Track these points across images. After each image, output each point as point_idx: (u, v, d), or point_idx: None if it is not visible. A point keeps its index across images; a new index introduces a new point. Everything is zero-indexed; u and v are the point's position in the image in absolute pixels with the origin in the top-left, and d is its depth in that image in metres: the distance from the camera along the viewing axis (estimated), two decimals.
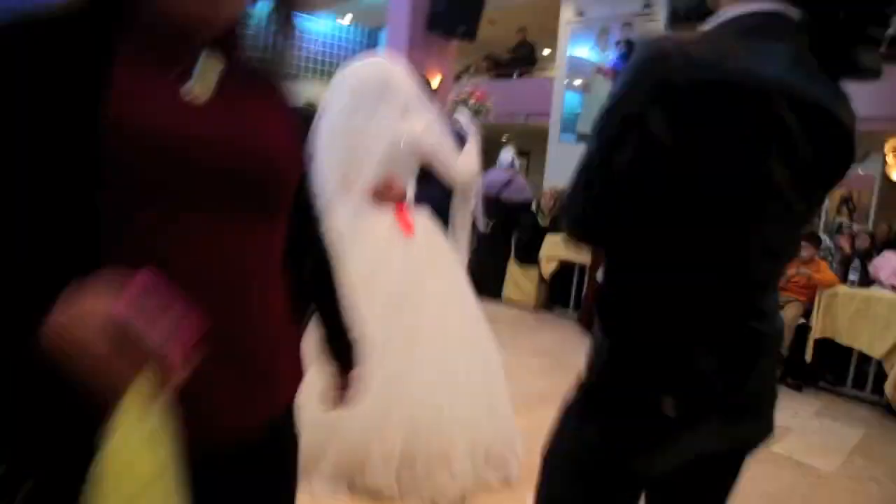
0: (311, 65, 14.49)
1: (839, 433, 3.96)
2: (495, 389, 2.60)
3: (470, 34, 8.72)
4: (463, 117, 3.50)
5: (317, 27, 14.45)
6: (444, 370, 2.39)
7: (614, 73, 10.60)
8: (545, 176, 10.57)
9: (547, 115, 11.16)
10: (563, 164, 7.11)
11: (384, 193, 2.55)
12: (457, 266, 2.67)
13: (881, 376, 4.51)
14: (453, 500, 2.30)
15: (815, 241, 4.89)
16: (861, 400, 4.64)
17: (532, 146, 13.26)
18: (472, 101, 3.93)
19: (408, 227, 2.54)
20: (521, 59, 13.07)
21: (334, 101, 2.54)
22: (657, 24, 10.00)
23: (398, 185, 2.57)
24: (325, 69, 14.79)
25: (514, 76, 12.94)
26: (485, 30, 8.94)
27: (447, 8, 8.32)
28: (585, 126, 10.77)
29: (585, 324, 5.54)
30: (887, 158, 9.47)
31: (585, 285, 6.09)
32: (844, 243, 5.61)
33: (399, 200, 2.59)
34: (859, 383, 4.71)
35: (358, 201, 2.48)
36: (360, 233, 2.42)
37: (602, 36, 10.70)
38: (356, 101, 2.50)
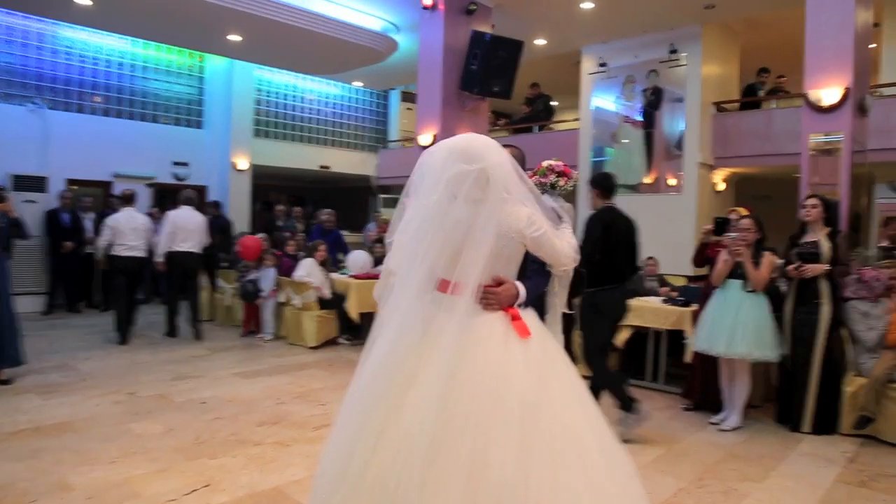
0: (324, 129, 14.38)
1: None
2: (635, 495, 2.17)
3: (504, 93, 8.59)
4: (548, 197, 3.19)
5: (328, 91, 14.40)
6: (589, 483, 2.00)
7: (644, 122, 10.47)
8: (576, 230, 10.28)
9: (575, 167, 10.93)
10: None
11: (497, 295, 2.18)
12: (571, 365, 2.28)
13: None
14: None
15: None
16: None
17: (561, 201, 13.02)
18: (560, 181, 3.53)
19: (525, 331, 2.18)
20: (538, 114, 12.98)
21: (424, 184, 2.21)
22: (683, 69, 9.93)
23: (508, 283, 2.21)
24: (339, 133, 14.70)
25: (535, 130, 12.81)
26: None
27: (482, 66, 8.20)
28: (621, 178, 10.56)
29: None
30: None
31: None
32: None
33: (512, 302, 2.22)
34: None
35: (466, 304, 2.11)
36: (474, 339, 2.07)
37: (627, 85, 10.62)
38: (452, 185, 2.15)
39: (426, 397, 1.98)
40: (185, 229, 7.32)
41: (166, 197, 10.62)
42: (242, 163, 12.14)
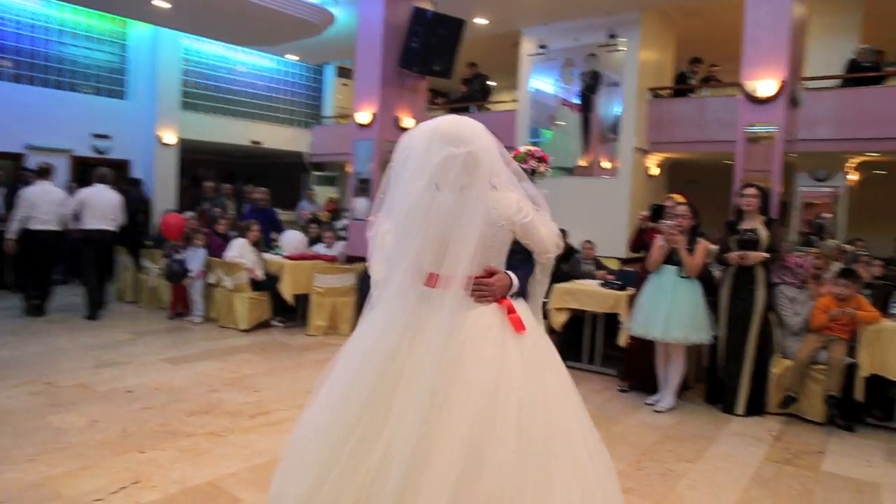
0: (256, 104, 13.88)
1: None
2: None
3: (445, 72, 8.45)
4: (528, 184, 3.12)
5: (260, 64, 13.89)
6: (580, 484, 1.96)
7: (581, 105, 10.55)
8: None
9: (512, 149, 10.94)
10: None
11: (490, 286, 2.12)
12: (559, 357, 2.23)
13: None
14: None
15: (853, 277, 4.79)
16: None
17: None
18: (540, 167, 3.47)
19: (521, 326, 2.12)
20: (475, 93, 12.91)
21: (406, 170, 2.07)
22: (622, 54, 10.03)
23: (501, 273, 2.12)
24: (271, 108, 14.23)
25: (472, 110, 12.74)
26: None
27: (423, 44, 8.02)
28: (557, 160, 10.64)
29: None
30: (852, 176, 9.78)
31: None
32: (863, 272, 5.56)
33: (505, 293, 2.16)
34: None
35: (457, 298, 2.01)
36: (467, 336, 1.97)
37: (566, 68, 10.65)
38: (440, 171, 2.03)
39: (415, 403, 1.86)
40: (97, 208, 7.22)
41: (87, 171, 10.04)
42: (169, 137, 11.57)
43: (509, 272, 2.16)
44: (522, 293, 2.25)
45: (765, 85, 5.41)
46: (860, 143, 8.88)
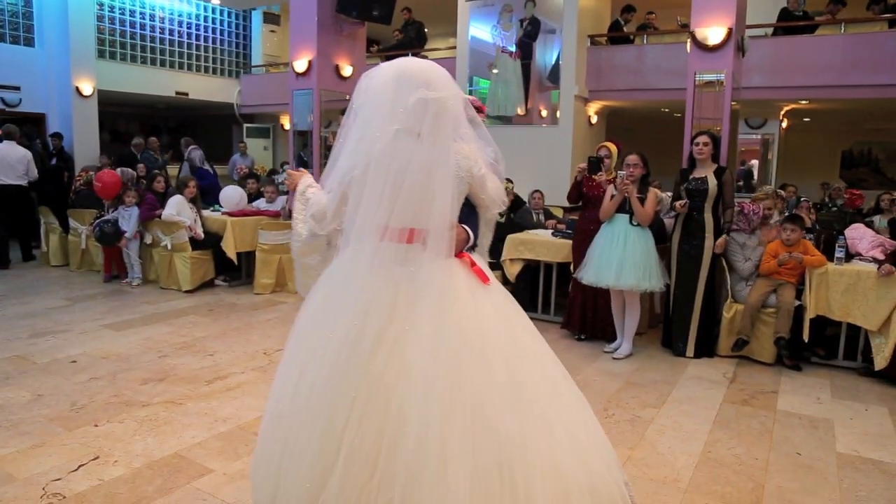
0: (178, 52, 13.09)
1: (875, 418, 3.92)
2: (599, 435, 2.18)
3: (384, 18, 8.13)
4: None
5: (180, 9, 13.05)
6: (567, 430, 1.96)
7: (520, 53, 10.42)
8: None
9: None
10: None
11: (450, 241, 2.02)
12: (520, 308, 2.20)
13: (869, 347, 4.67)
14: None
15: (800, 222, 4.95)
16: (854, 371, 4.74)
17: None
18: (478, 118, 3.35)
19: (485, 277, 2.01)
20: (411, 40, 12.56)
21: (371, 114, 1.92)
22: (560, 0, 9.90)
23: (459, 227, 2.04)
24: (195, 56, 13.46)
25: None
26: None
27: None
28: (495, 109, 10.54)
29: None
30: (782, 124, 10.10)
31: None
32: (805, 215, 5.76)
33: (462, 247, 2.07)
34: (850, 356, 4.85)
35: (433, 254, 1.91)
36: (445, 290, 1.88)
37: (505, 14, 10.45)
38: (412, 116, 1.90)
39: (415, 365, 1.77)
40: (4, 163, 7.69)
41: None
42: (86, 87, 10.76)
43: (464, 226, 2.08)
44: (473, 247, 2.18)
45: (714, 32, 5.43)
46: (792, 91, 9.16)
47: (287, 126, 14.00)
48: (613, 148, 5.20)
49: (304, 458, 1.80)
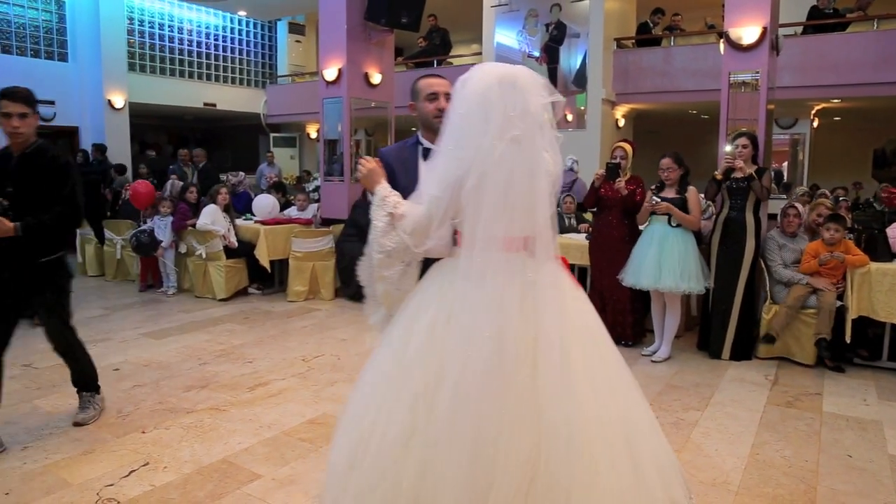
0: (206, 63, 13.28)
1: None
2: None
3: (413, 25, 8.17)
4: None
5: (208, 21, 13.25)
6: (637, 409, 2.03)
7: (546, 57, 10.41)
8: None
9: None
10: None
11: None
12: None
13: None
14: None
15: (842, 222, 4.87)
16: None
17: None
18: None
19: (575, 279, 2.09)
20: (436, 48, 12.62)
21: (479, 122, 1.82)
22: (586, 4, 9.89)
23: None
24: (223, 68, 13.65)
25: (434, 66, 12.46)
26: None
27: None
28: None
29: None
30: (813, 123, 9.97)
31: None
32: (845, 214, 5.66)
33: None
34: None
35: (543, 260, 1.91)
36: (561, 294, 1.91)
37: (530, 19, 10.46)
38: (507, 121, 1.87)
39: (553, 373, 1.78)
40: None
41: None
42: (118, 100, 10.96)
43: None
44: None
45: (748, 31, 5.37)
46: (822, 90, 9.03)
47: (313, 135, 14.17)
48: (629, 148, 5.16)
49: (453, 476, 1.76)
